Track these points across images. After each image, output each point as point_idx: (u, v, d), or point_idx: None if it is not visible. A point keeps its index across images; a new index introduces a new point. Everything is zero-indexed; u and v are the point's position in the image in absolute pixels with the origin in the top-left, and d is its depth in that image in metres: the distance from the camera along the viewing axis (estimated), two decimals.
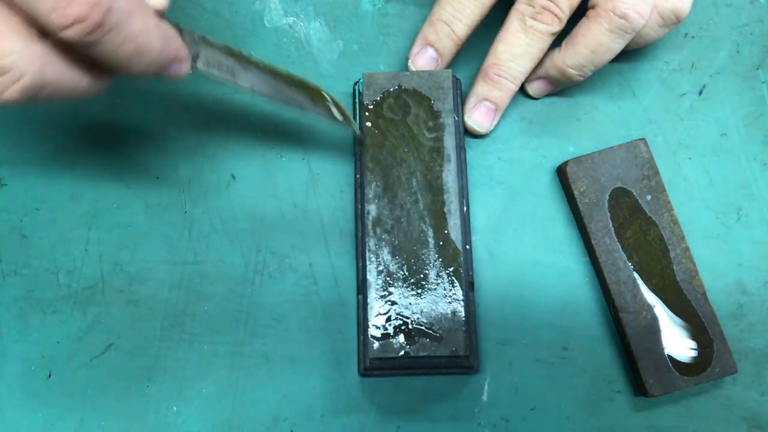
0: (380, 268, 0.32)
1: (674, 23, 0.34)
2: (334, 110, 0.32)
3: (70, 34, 0.22)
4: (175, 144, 0.37)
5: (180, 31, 0.28)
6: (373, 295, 0.32)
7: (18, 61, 0.22)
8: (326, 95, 0.32)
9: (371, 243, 0.32)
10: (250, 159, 0.37)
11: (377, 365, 0.32)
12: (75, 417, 0.34)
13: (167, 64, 0.26)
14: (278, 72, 0.31)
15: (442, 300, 0.32)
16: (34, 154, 0.37)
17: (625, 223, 0.35)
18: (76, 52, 0.23)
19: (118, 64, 0.24)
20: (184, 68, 0.28)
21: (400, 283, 0.32)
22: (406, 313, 0.31)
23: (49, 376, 0.35)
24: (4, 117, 0.37)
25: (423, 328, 0.31)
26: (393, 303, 0.32)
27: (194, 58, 0.29)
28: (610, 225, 0.35)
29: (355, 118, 0.36)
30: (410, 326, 0.31)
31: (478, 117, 0.36)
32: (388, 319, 0.31)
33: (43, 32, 0.22)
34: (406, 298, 0.32)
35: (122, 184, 0.37)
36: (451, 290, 0.32)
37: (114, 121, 0.37)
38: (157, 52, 0.25)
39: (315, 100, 0.32)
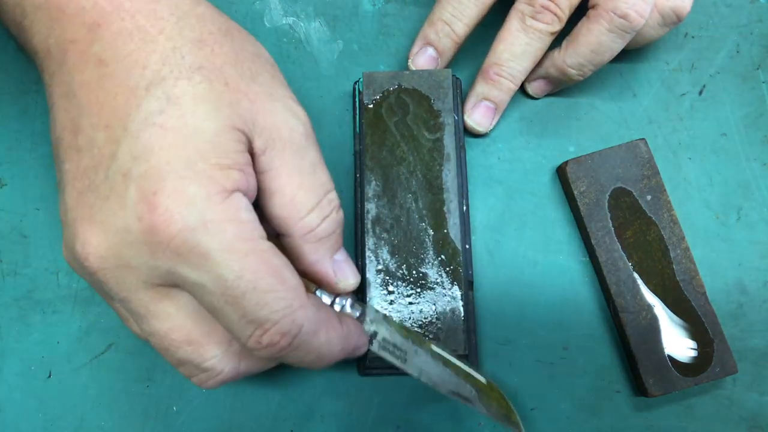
0: (380, 267, 0.32)
1: (675, 22, 0.34)
2: (500, 409, 0.30)
3: (263, 353, 0.25)
4: None
5: (363, 312, 0.30)
6: (372, 295, 0.32)
7: (217, 363, 0.26)
8: (495, 391, 0.30)
9: (371, 242, 0.32)
10: None
11: (377, 364, 0.32)
12: (75, 417, 0.34)
13: (347, 356, 0.28)
14: (449, 361, 0.30)
15: (441, 299, 0.31)
16: (34, 154, 0.37)
17: (625, 223, 0.35)
18: None
19: (301, 366, 0.27)
20: (360, 354, 0.30)
21: (399, 283, 0.32)
22: (406, 312, 0.31)
23: (49, 376, 0.35)
24: (4, 117, 0.37)
25: (422, 327, 0.31)
26: (392, 302, 0.31)
27: (371, 338, 0.30)
28: (610, 225, 0.35)
29: (355, 118, 0.36)
30: (410, 325, 0.31)
31: (477, 116, 0.36)
32: None
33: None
34: (406, 297, 0.32)
35: None
36: (450, 289, 0.32)
37: None
38: (336, 354, 0.27)
39: (482, 395, 0.30)
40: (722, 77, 0.39)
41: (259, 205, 0.26)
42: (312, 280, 0.28)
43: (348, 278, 0.29)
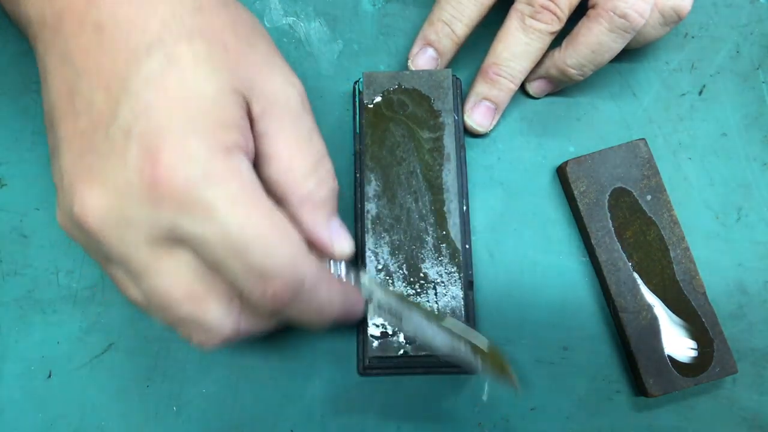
0: (380, 267, 0.32)
1: (675, 21, 0.34)
2: (496, 368, 0.30)
3: (265, 306, 0.25)
4: None
5: (358, 275, 0.30)
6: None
7: (218, 321, 0.26)
8: (491, 352, 0.30)
9: (371, 242, 0.32)
10: None
11: (377, 364, 0.32)
12: (75, 417, 0.34)
13: (344, 318, 0.29)
14: (444, 323, 0.30)
15: (441, 299, 0.31)
16: (34, 154, 0.37)
17: (625, 223, 0.35)
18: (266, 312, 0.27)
19: (300, 323, 0.27)
20: (358, 316, 0.30)
21: (399, 282, 0.32)
22: None
23: (49, 376, 0.35)
24: (4, 117, 0.37)
25: None
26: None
27: (366, 302, 0.30)
28: (610, 225, 0.35)
29: (355, 118, 0.36)
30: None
31: (477, 116, 0.36)
32: None
33: (241, 296, 0.26)
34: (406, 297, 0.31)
35: None
36: (450, 289, 0.32)
37: None
38: (336, 312, 0.28)
39: (477, 354, 0.30)
40: (722, 77, 0.39)
41: (255, 170, 0.26)
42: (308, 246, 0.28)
43: (343, 243, 0.29)
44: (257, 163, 0.26)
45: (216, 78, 0.24)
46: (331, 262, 0.29)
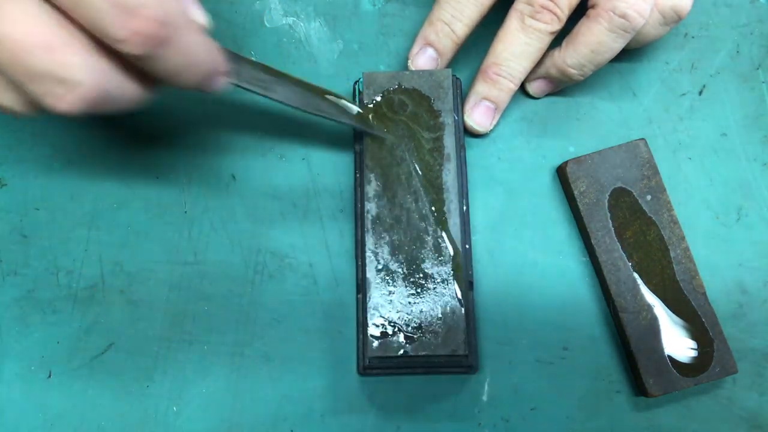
0: (380, 267, 0.32)
1: (675, 21, 0.34)
2: (359, 119, 0.34)
3: (129, 47, 0.22)
4: (175, 144, 0.37)
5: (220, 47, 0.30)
6: (372, 294, 0.32)
7: (77, 72, 0.23)
8: (339, 97, 0.34)
9: (371, 242, 0.32)
10: (250, 159, 0.37)
11: (377, 364, 0.32)
12: (75, 417, 0.34)
13: (211, 77, 0.27)
14: (307, 84, 0.33)
15: (441, 299, 0.31)
16: (34, 154, 0.37)
17: (625, 223, 0.35)
18: (131, 64, 0.24)
19: (168, 76, 0.25)
20: (224, 81, 0.29)
21: (399, 282, 0.32)
22: (406, 312, 0.31)
23: (49, 376, 0.35)
24: (4, 117, 0.37)
25: (422, 327, 0.31)
26: (392, 302, 0.31)
27: (231, 73, 0.30)
28: (610, 225, 0.35)
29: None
30: (409, 325, 0.31)
31: (477, 116, 0.36)
32: (388, 318, 0.31)
33: (101, 45, 0.23)
34: (406, 297, 0.32)
35: (122, 184, 0.37)
36: (450, 289, 0.32)
37: (114, 122, 0.37)
38: (204, 66, 0.26)
39: (339, 109, 0.34)
40: (722, 77, 0.39)
41: None
42: None
43: None
44: None
45: None
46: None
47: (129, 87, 0.25)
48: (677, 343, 0.34)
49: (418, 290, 0.32)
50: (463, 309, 0.31)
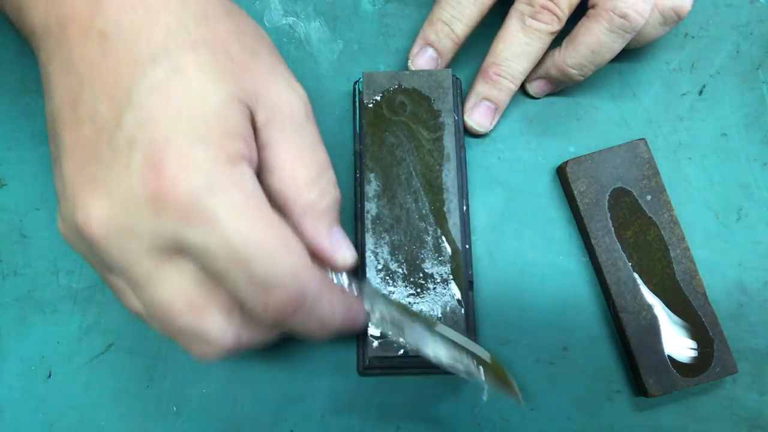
0: (379, 266, 0.32)
1: (675, 21, 0.34)
2: (498, 380, 0.30)
3: (267, 317, 0.25)
4: None
5: (360, 288, 0.30)
6: None
7: (219, 332, 0.25)
8: (493, 364, 0.30)
9: (371, 242, 0.32)
10: None
11: (376, 364, 0.32)
12: (75, 417, 0.34)
13: (346, 328, 0.28)
14: (445, 334, 0.30)
15: (441, 299, 0.31)
16: (34, 154, 0.37)
17: (625, 223, 0.35)
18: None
19: (302, 335, 0.27)
20: (360, 327, 0.30)
21: (399, 282, 0.32)
22: None
23: (49, 376, 0.35)
24: (4, 117, 0.37)
25: None
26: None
27: (368, 313, 0.30)
28: (610, 225, 0.35)
29: (355, 117, 0.36)
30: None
31: (477, 116, 0.36)
32: None
33: (242, 307, 0.25)
34: (406, 297, 0.32)
35: None
36: (450, 289, 0.32)
37: None
38: (338, 323, 0.27)
39: (480, 367, 0.30)
40: (722, 77, 0.39)
41: (258, 180, 0.26)
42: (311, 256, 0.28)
43: (345, 253, 0.28)
44: (260, 173, 0.26)
45: (220, 87, 0.24)
46: (333, 272, 0.29)
47: (263, 336, 0.27)
48: (677, 343, 0.34)
49: (418, 290, 0.32)
50: (463, 309, 0.31)
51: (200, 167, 0.23)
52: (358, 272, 0.33)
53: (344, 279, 0.29)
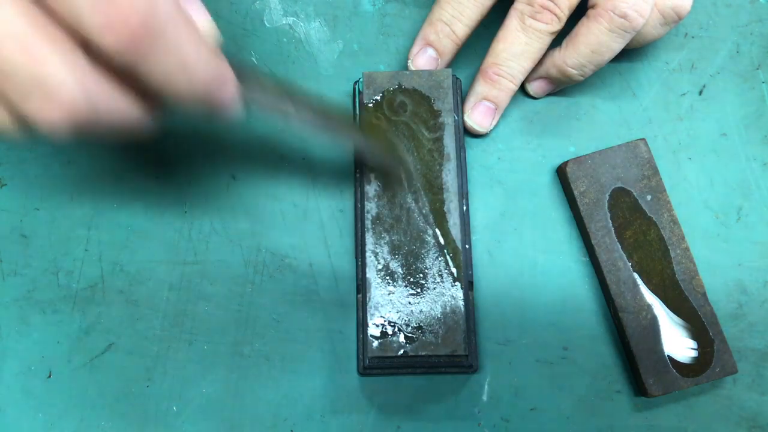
0: (380, 267, 0.32)
1: (675, 21, 0.34)
2: (380, 144, 0.30)
3: (110, 41, 0.20)
4: (175, 144, 0.37)
5: (231, 60, 0.26)
6: (372, 294, 0.32)
7: (61, 80, 0.21)
8: (376, 129, 0.29)
9: (371, 242, 0.32)
10: (250, 159, 0.37)
11: (377, 364, 0.32)
12: (75, 417, 0.34)
13: (216, 90, 0.24)
14: (319, 104, 0.29)
15: (441, 299, 0.31)
16: (34, 154, 0.37)
17: (625, 223, 0.35)
18: (121, 76, 0.22)
19: (161, 84, 0.22)
20: (231, 92, 0.25)
21: (399, 282, 0.32)
22: (406, 312, 0.31)
23: (49, 376, 0.35)
24: None
25: (422, 327, 0.31)
26: (392, 302, 0.31)
27: (242, 89, 0.27)
28: (610, 225, 0.35)
29: (355, 117, 0.36)
30: (410, 325, 0.31)
31: (477, 116, 0.36)
32: (388, 318, 0.31)
33: (88, 51, 0.21)
34: (406, 297, 0.32)
35: (122, 184, 0.37)
36: (450, 289, 0.32)
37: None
38: (203, 72, 0.23)
39: (348, 129, 0.30)
40: (722, 77, 0.39)
41: None
42: None
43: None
44: None
45: None
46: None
47: (122, 102, 0.23)
48: (677, 343, 0.34)
49: (418, 290, 0.32)
50: (462, 309, 0.31)
51: None
52: (358, 274, 0.33)
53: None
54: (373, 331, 0.31)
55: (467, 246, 0.34)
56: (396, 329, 0.31)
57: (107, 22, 0.20)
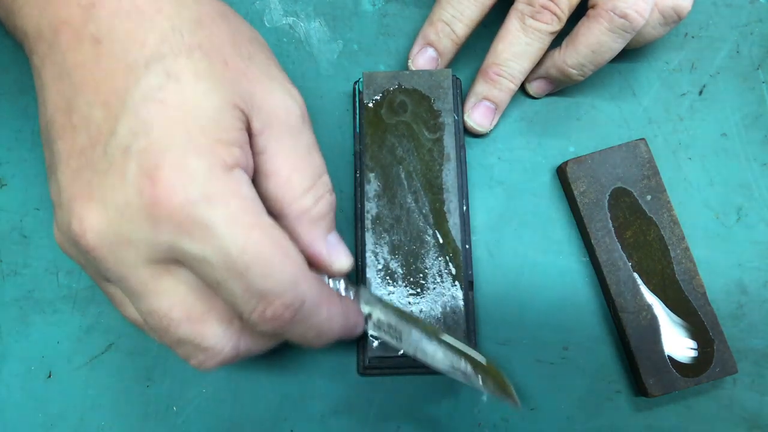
0: (380, 266, 0.32)
1: (676, 21, 0.34)
2: (496, 385, 0.29)
3: (265, 328, 0.25)
4: None
5: (357, 293, 0.30)
6: None
7: (217, 342, 0.25)
8: (490, 368, 0.29)
9: (371, 242, 0.32)
10: None
11: (376, 364, 0.32)
12: (75, 417, 0.34)
13: (344, 335, 0.28)
14: (443, 338, 0.29)
15: (441, 299, 0.31)
16: (34, 154, 0.37)
17: (625, 223, 0.35)
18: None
19: (299, 344, 0.27)
20: (358, 333, 0.30)
21: (399, 282, 0.32)
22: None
23: (49, 376, 0.35)
24: (4, 117, 0.37)
25: None
26: (392, 302, 0.31)
27: (366, 319, 0.30)
28: (610, 225, 0.35)
29: (355, 117, 0.36)
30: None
31: (477, 116, 0.36)
32: None
33: (240, 316, 0.25)
34: (406, 297, 0.32)
35: None
36: (450, 289, 0.32)
37: None
38: (336, 331, 0.27)
39: (479, 371, 0.29)
40: (722, 77, 0.39)
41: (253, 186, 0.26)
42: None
43: (342, 259, 0.28)
44: (256, 179, 0.26)
45: (216, 93, 0.24)
46: (330, 278, 0.29)
47: (261, 345, 0.28)
48: (677, 343, 0.34)
49: (418, 290, 0.32)
50: (463, 309, 0.31)
51: (196, 176, 0.22)
52: (357, 274, 0.33)
53: (341, 284, 0.29)
54: (373, 331, 0.31)
55: (467, 246, 0.34)
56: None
57: (262, 315, 0.24)
